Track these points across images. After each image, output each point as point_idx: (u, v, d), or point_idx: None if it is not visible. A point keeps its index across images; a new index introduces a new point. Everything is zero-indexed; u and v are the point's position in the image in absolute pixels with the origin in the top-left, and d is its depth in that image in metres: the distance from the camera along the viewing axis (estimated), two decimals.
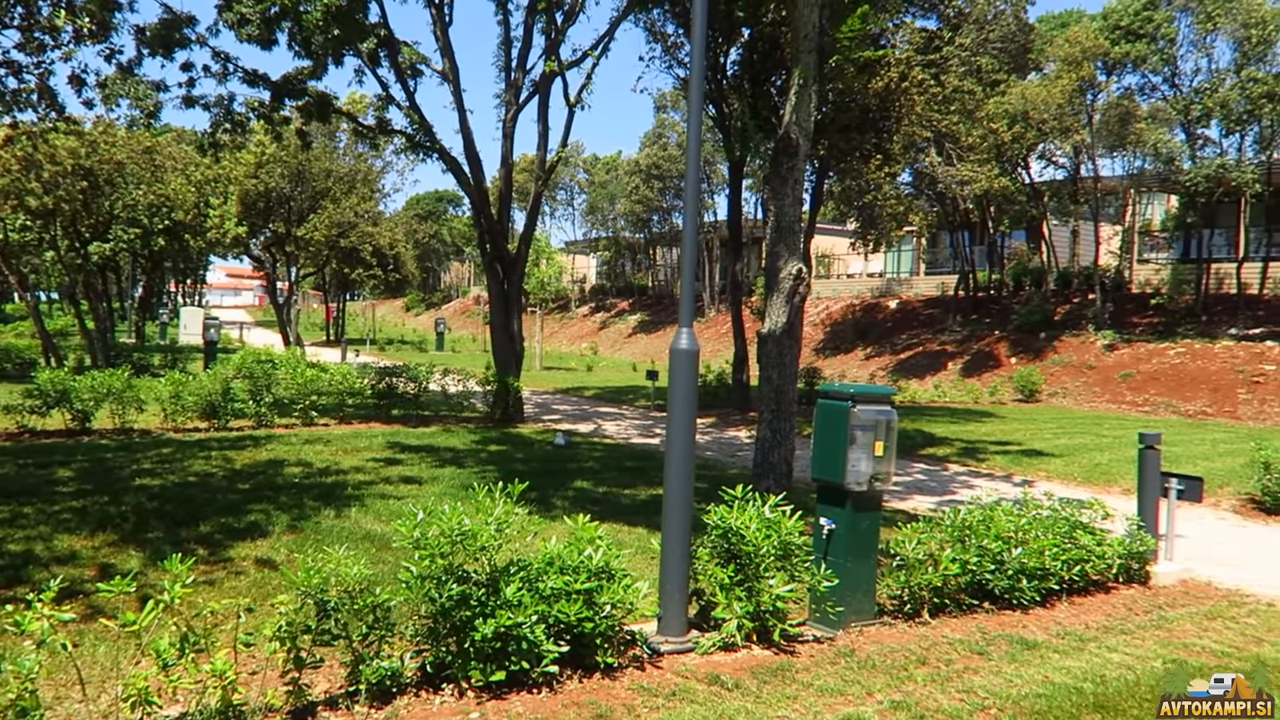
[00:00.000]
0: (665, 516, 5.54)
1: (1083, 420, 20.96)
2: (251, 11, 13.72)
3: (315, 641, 4.40)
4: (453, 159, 16.85)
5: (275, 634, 4.27)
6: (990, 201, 31.72)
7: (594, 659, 4.92)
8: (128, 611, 3.91)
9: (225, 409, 14.40)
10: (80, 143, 22.54)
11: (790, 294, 9.81)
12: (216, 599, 4.86)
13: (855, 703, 4.78)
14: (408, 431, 14.84)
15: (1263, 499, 10.97)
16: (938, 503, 10.50)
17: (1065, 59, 27.41)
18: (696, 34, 5.73)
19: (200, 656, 4.03)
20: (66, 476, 9.95)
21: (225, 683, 4.00)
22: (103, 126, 23.66)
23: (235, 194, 34.85)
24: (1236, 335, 25.51)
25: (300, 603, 4.37)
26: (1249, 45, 25.36)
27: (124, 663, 4.74)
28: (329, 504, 8.99)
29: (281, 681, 4.35)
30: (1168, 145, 27.43)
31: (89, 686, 4.46)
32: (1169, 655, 5.76)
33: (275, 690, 4.28)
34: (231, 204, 35.07)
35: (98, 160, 23.57)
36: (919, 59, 20.49)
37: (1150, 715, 4.78)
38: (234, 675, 4.02)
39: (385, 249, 44.64)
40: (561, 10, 16.93)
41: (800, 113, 9.72)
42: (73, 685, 4.43)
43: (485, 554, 4.77)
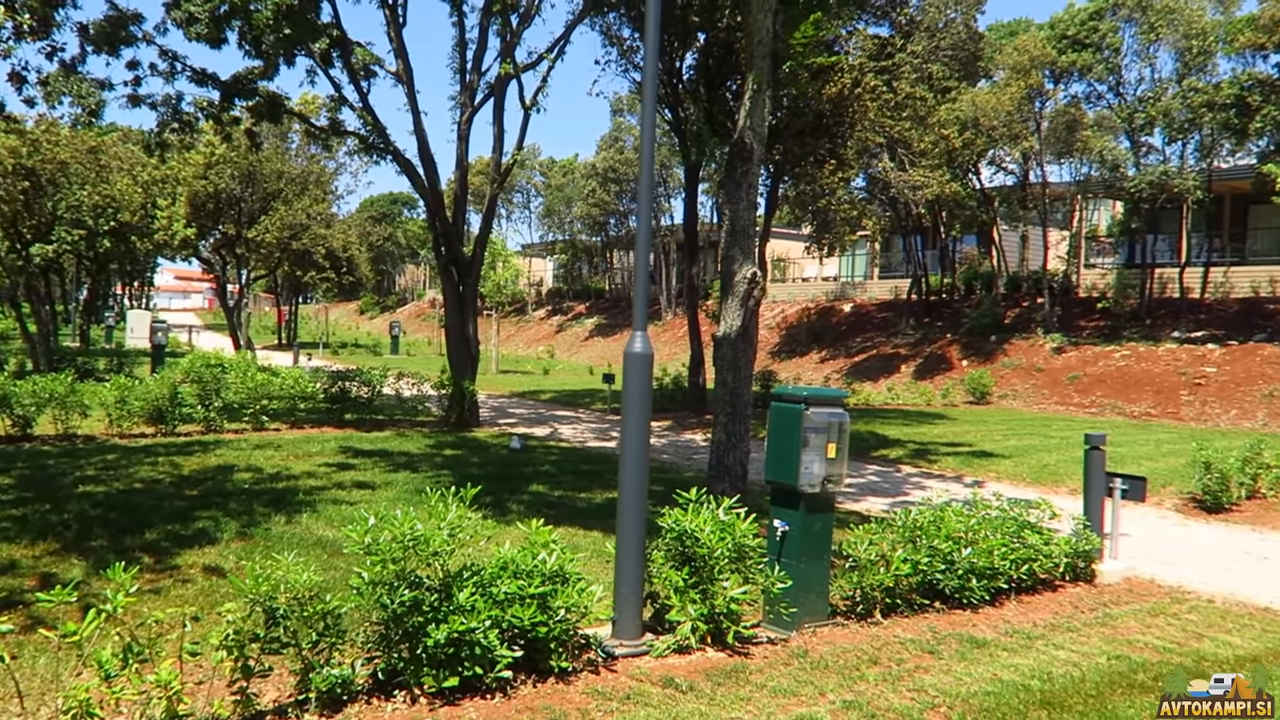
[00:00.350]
0: (620, 520, 5.54)
1: (1032, 422, 21.34)
2: (200, 10, 13.50)
3: (264, 650, 4.33)
4: (407, 161, 16.72)
5: (222, 642, 4.19)
6: (942, 206, 32.21)
7: (548, 663, 4.91)
8: (69, 622, 3.82)
9: (173, 414, 14.12)
10: (21, 141, 22.01)
11: (745, 297, 9.86)
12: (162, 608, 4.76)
13: (808, 703, 4.81)
14: (361, 436, 14.68)
15: (1203, 498, 11.24)
16: (890, 504, 10.63)
17: (1014, 67, 27.93)
18: (650, 38, 5.74)
19: (144, 667, 3.94)
20: (6, 484, 9.69)
21: (170, 693, 3.92)
22: (45, 125, 23.12)
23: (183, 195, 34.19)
24: (1179, 338, 26.16)
25: (248, 610, 4.30)
26: (1190, 56, 26.06)
27: (65, 674, 4.62)
28: (280, 510, 8.85)
29: (229, 691, 4.28)
30: (1113, 152, 28.08)
31: (28, 699, 4.35)
32: (1113, 652, 5.89)
33: (222, 700, 4.20)
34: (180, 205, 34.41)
35: (40, 160, 23.03)
36: (872, 65, 20.75)
37: (1094, 711, 4.88)
38: (179, 685, 3.95)
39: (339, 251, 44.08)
40: (517, 13, 16.88)
41: (754, 117, 9.78)
42: (10, 698, 4.31)
43: (438, 559, 4.73)
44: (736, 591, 5.52)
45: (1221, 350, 24.75)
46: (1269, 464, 11.82)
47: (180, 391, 14.48)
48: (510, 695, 4.69)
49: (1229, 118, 25.14)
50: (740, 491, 8.95)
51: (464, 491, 5.07)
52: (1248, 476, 11.56)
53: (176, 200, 34.47)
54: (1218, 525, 10.60)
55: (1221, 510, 11.10)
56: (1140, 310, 28.29)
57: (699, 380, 21.65)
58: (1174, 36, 26.21)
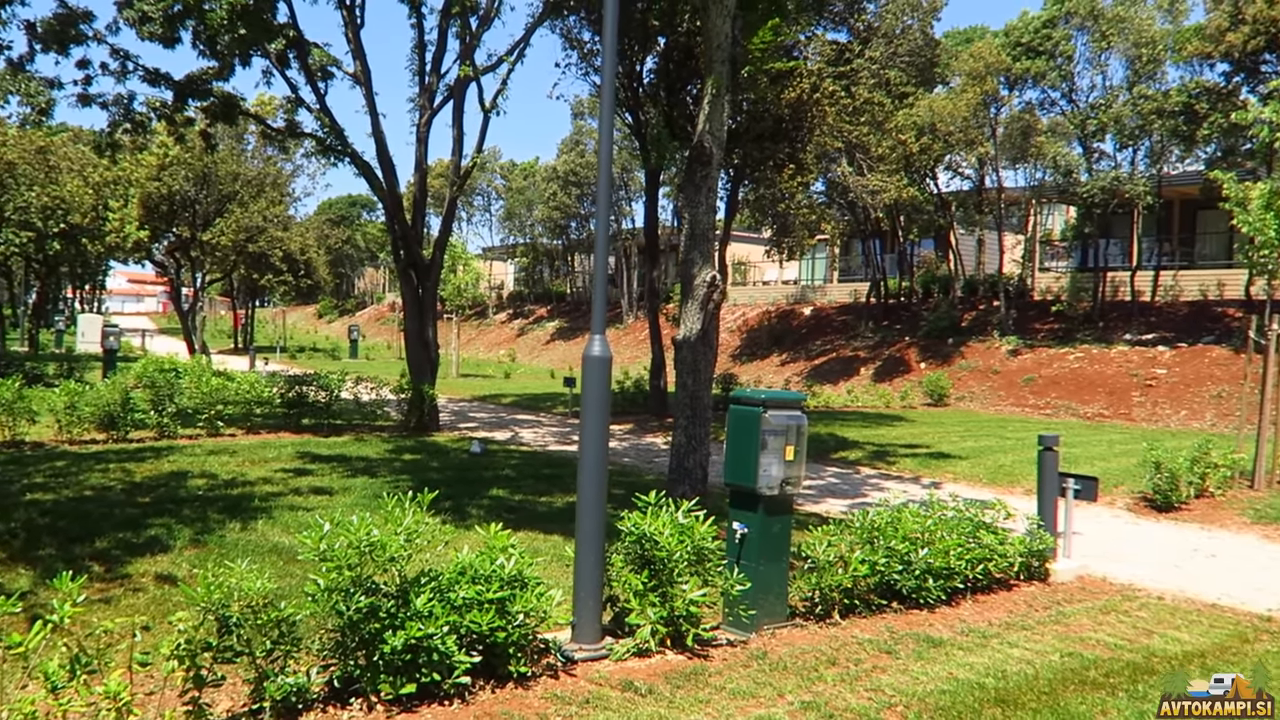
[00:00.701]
0: (579, 524, 5.53)
1: (988, 423, 21.65)
2: (153, 9, 13.29)
3: (216, 659, 4.26)
4: (365, 163, 16.57)
5: (173, 652, 4.12)
6: (900, 211, 32.59)
7: (507, 668, 4.88)
8: (13, 633, 3.73)
9: (125, 420, 13.85)
10: None
11: (705, 301, 9.90)
12: (112, 617, 4.68)
13: (767, 704, 4.84)
14: (319, 441, 14.51)
15: (1154, 497, 11.47)
16: (849, 505, 10.71)
17: (970, 73, 28.35)
18: (608, 41, 5.75)
19: (93, 678, 3.86)
20: None
21: (119, 704, 3.84)
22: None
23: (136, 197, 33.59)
24: (1131, 340, 26.69)
25: (200, 619, 4.23)
26: (1140, 64, 26.65)
27: (10, 687, 4.50)
28: (235, 517, 8.72)
29: (181, 701, 4.20)
30: (1066, 158, 28.61)
31: None
32: (1066, 649, 5.99)
33: (174, 711, 4.13)
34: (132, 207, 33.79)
35: None
36: (830, 71, 20.95)
37: (1047, 708, 4.96)
38: (129, 696, 3.87)
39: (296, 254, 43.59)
40: (476, 15, 16.81)
41: (714, 122, 9.83)
42: None
43: (395, 565, 4.69)
44: (696, 594, 5.54)
45: (1171, 352, 25.30)
46: (1217, 463, 12.08)
47: (133, 397, 14.21)
48: (469, 701, 4.66)
49: (1178, 125, 25.73)
50: (700, 494, 8.98)
51: (421, 496, 5.03)
52: (1196, 476, 11.81)
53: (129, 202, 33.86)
54: (1168, 524, 10.83)
55: (1171, 509, 11.33)
56: (1093, 313, 28.82)
57: (660, 383, 21.69)
58: (1124, 45, 26.78)
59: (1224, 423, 20.89)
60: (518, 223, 58.37)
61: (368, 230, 71.67)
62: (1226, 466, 12.26)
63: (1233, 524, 10.69)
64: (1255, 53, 23.96)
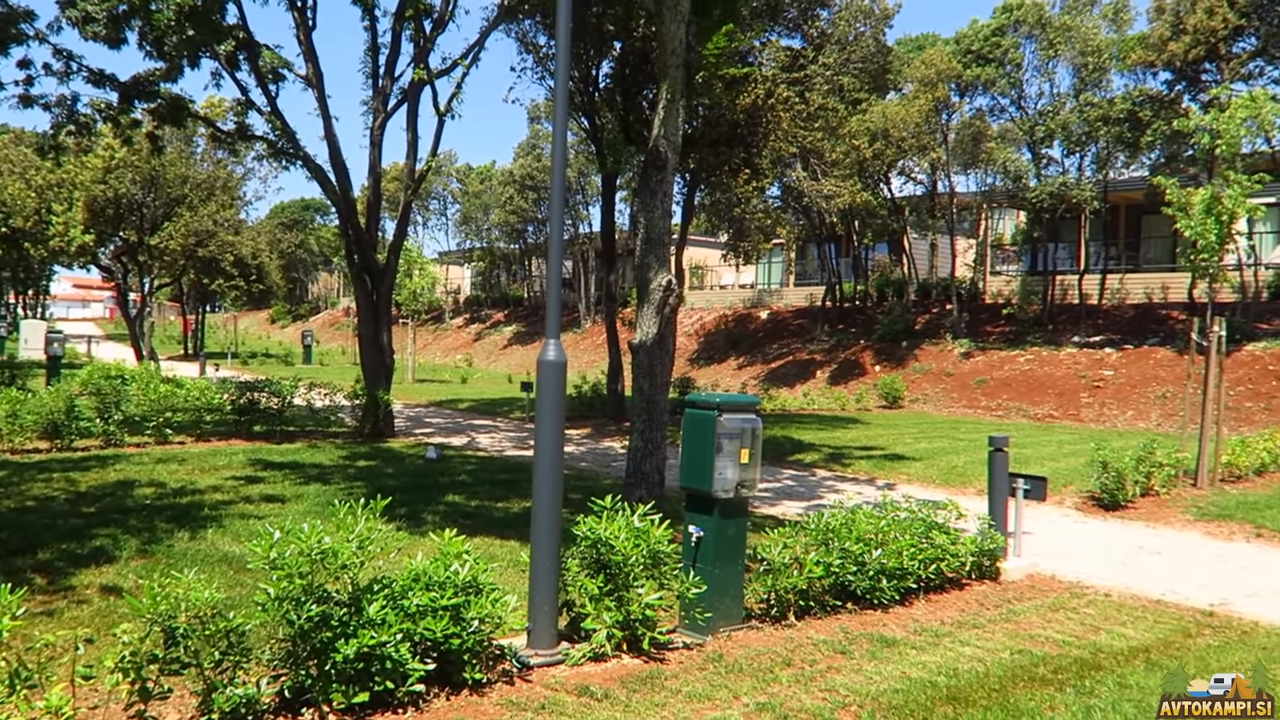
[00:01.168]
0: (534, 528, 5.51)
1: (942, 425, 21.94)
2: (97, 9, 13.02)
3: (163, 671, 4.18)
4: (318, 167, 16.37)
5: (118, 665, 4.04)
6: (854, 215, 32.93)
7: (462, 676, 4.85)
8: None
9: (69, 428, 13.52)
10: None
11: (661, 305, 9.92)
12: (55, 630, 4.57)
13: (722, 707, 4.86)
14: (271, 448, 14.29)
15: (1101, 496, 11.70)
16: (805, 507, 10.80)
17: (922, 80, 28.78)
18: (561, 46, 5.75)
19: (33, 693, 3.77)
20: None
21: (62, 719, 3.76)
22: None
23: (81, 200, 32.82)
24: (1079, 343, 27.24)
25: (146, 630, 4.15)
26: (1086, 72, 27.25)
27: None
28: (183, 526, 8.56)
29: (126, 715, 4.12)
30: (1016, 164, 29.15)
31: None
32: (1016, 646, 6.08)
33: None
34: (77, 210, 33.01)
35: None
36: (784, 77, 21.13)
37: (997, 704, 5.03)
38: (72, 711, 3.79)
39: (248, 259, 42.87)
40: (430, 18, 16.69)
41: (669, 126, 9.86)
42: None
43: (347, 572, 4.63)
44: (652, 598, 5.55)
45: (1118, 354, 25.85)
46: (1161, 462, 12.35)
47: (77, 404, 13.87)
48: (423, 709, 4.62)
49: (1122, 131, 26.33)
50: (657, 498, 8.99)
51: (374, 503, 4.98)
52: (1142, 475, 12.06)
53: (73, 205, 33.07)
54: (1114, 522, 11.05)
55: (1118, 507, 11.57)
56: (1043, 316, 29.36)
57: (618, 387, 21.69)
58: (1071, 53, 27.37)
59: (1169, 423, 21.37)
60: (474, 227, 58.02)
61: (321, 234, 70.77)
62: (1171, 465, 12.54)
63: (1177, 521, 10.94)
64: (1196, 62, 24.61)
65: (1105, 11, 27.76)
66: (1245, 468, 13.44)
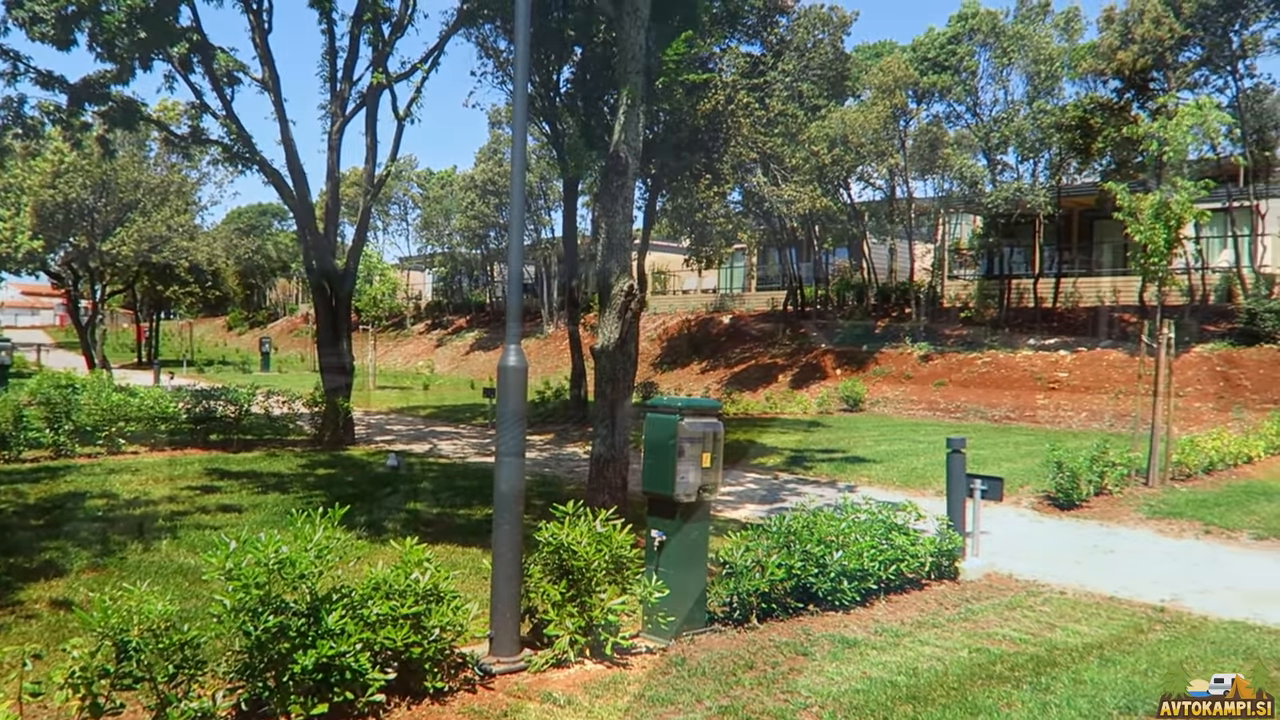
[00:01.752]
0: (495, 535, 5.48)
1: (902, 427, 22.16)
2: (45, 10, 12.76)
3: (115, 686, 4.09)
4: (274, 171, 16.19)
5: (68, 680, 3.95)
6: (814, 220, 33.20)
7: (423, 684, 4.81)
8: None
9: (18, 439, 13.22)
10: None
11: (623, 310, 9.92)
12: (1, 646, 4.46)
13: (685, 710, 4.86)
14: (228, 457, 14.08)
15: (1057, 496, 11.89)
16: (768, 510, 10.85)
17: (880, 87, 29.10)
18: (520, 52, 5.73)
19: None
20: None
21: None
22: None
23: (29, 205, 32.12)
24: (1035, 345, 27.67)
25: (97, 644, 4.06)
26: (1039, 79, 27.74)
27: None
28: (137, 538, 8.40)
29: None
30: (972, 169, 29.57)
31: None
32: (974, 645, 6.16)
33: None
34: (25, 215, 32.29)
35: None
36: (744, 83, 21.27)
37: (955, 702, 5.09)
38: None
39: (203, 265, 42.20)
40: (389, 22, 16.58)
41: (629, 132, 9.88)
42: None
43: (305, 582, 4.57)
44: (615, 603, 5.54)
45: (1072, 356, 26.30)
46: (1114, 462, 12.58)
47: (26, 414, 13.57)
48: (383, 719, 4.57)
49: (1074, 138, 26.80)
50: (620, 503, 8.98)
51: (333, 511, 4.92)
52: (1096, 474, 12.27)
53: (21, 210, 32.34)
54: (1069, 521, 11.23)
55: (1073, 507, 11.75)
56: (999, 319, 29.79)
57: (581, 393, 21.66)
58: (1025, 61, 27.85)
59: (1121, 423, 21.77)
60: (435, 232, 57.55)
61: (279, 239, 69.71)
62: (1123, 465, 12.77)
63: (1130, 520, 11.15)
64: (1144, 70, 25.13)
65: (1057, 21, 28.30)
66: (1195, 466, 13.73)
